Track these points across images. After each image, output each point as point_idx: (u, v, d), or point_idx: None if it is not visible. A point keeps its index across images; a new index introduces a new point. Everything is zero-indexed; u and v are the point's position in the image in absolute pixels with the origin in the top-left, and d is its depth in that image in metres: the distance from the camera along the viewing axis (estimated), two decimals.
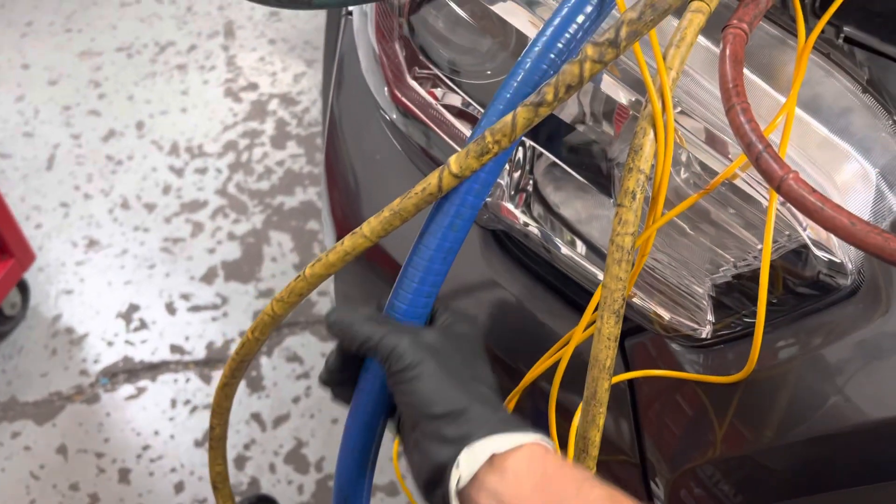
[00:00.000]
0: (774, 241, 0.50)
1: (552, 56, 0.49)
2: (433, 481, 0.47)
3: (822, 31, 0.58)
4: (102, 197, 1.86)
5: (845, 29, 0.60)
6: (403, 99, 0.65)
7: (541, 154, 0.66)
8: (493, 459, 0.45)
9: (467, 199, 0.50)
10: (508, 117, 0.48)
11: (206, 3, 2.30)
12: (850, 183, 0.50)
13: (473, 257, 0.68)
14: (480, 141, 0.49)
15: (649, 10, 0.46)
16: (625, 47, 0.47)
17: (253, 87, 2.08)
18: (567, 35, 0.49)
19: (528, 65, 0.50)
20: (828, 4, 0.57)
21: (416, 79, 0.65)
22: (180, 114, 2.04)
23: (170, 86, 2.11)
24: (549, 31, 0.50)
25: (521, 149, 0.67)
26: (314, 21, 2.23)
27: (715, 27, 0.53)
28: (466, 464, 0.45)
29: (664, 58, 0.50)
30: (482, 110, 0.68)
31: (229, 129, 1.99)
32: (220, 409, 0.65)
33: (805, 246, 0.50)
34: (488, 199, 0.66)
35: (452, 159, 0.49)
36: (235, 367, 0.60)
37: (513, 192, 0.66)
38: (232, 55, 2.16)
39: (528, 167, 0.66)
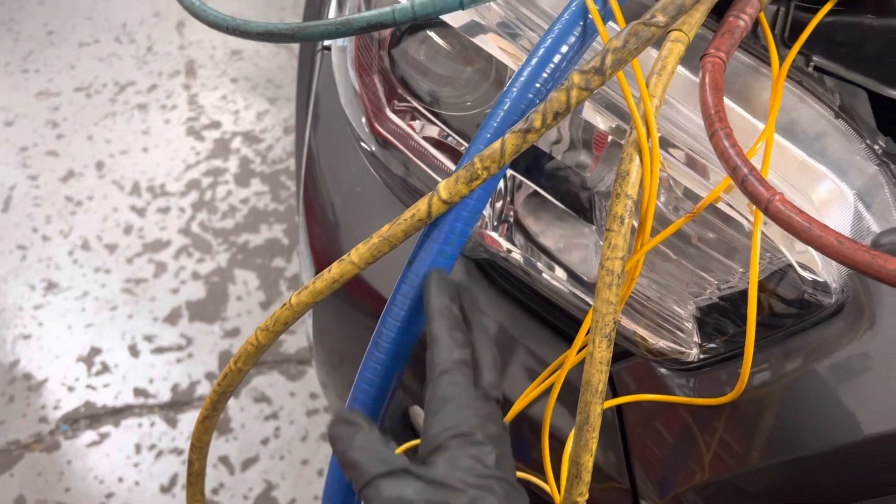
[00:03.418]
0: (759, 263, 0.51)
1: (538, 85, 0.50)
2: None
3: (794, 60, 0.60)
4: (61, 238, 1.82)
5: (814, 58, 0.62)
6: (383, 131, 0.65)
7: (521, 184, 0.67)
8: None
9: (456, 226, 0.51)
10: (497, 144, 0.49)
11: (167, 42, 2.29)
12: (829, 204, 0.52)
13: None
14: (470, 167, 0.49)
15: (633, 39, 0.47)
16: (610, 74, 0.48)
17: (215, 125, 2.07)
18: (552, 64, 0.50)
19: (514, 93, 0.51)
20: (797, 34, 0.59)
21: (395, 111, 0.65)
22: (141, 153, 2.02)
23: (130, 125, 2.08)
24: (534, 61, 0.51)
25: (502, 179, 0.67)
26: (276, 59, 2.23)
27: (692, 57, 0.54)
28: None
29: (647, 85, 0.51)
30: (461, 141, 0.69)
31: (192, 167, 1.97)
32: (200, 444, 0.63)
33: (789, 266, 0.51)
34: (487, 232, 0.66)
35: (442, 185, 0.49)
36: (217, 400, 0.59)
37: (496, 222, 0.66)
38: (194, 94, 2.15)
39: (509, 197, 0.67)
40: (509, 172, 0.67)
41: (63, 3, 2.38)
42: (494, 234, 0.65)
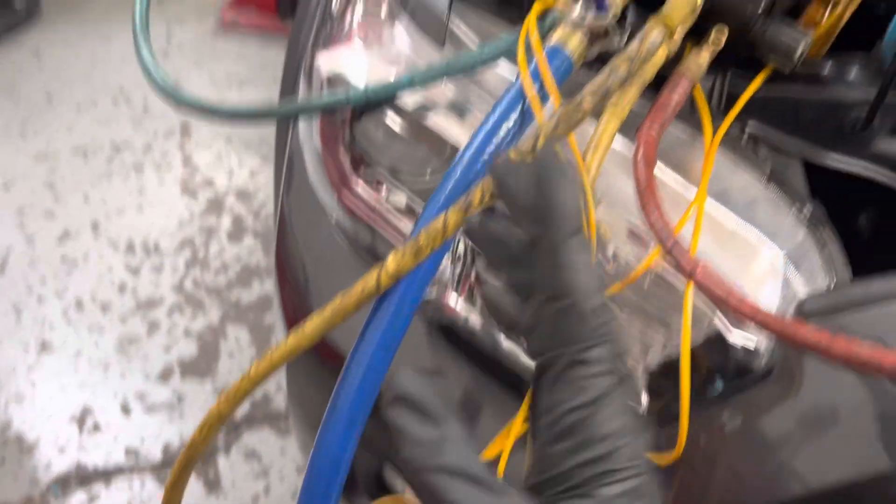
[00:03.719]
0: (693, 328, 0.54)
1: (478, 167, 0.53)
2: None
3: (729, 130, 0.63)
4: (56, 299, 1.85)
5: (751, 126, 0.66)
6: (348, 202, 0.68)
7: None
8: None
9: (406, 297, 0.53)
10: (440, 220, 0.52)
11: (163, 103, 2.35)
12: (759, 269, 0.54)
13: (420, 349, 0.70)
14: (415, 242, 0.52)
15: (563, 122, 0.51)
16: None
17: (209, 183, 2.11)
18: (492, 145, 0.53)
19: (457, 172, 0.54)
20: (733, 104, 0.63)
21: (361, 179, 0.68)
22: (136, 213, 2.06)
23: (126, 185, 2.13)
24: (476, 142, 0.55)
25: (461, 242, 0.70)
26: None
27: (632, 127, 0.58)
28: None
29: (584, 159, 0.55)
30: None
31: (186, 225, 2.01)
32: None
33: (720, 332, 0.53)
34: (433, 293, 0.69)
35: (390, 259, 0.52)
36: (181, 470, 0.61)
37: (456, 285, 0.69)
38: (188, 153, 2.21)
39: (469, 259, 0.70)
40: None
41: (62, 67, 2.46)
42: (453, 299, 0.68)
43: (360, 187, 0.68)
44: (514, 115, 0.55)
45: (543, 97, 0.56)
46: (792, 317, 0.49)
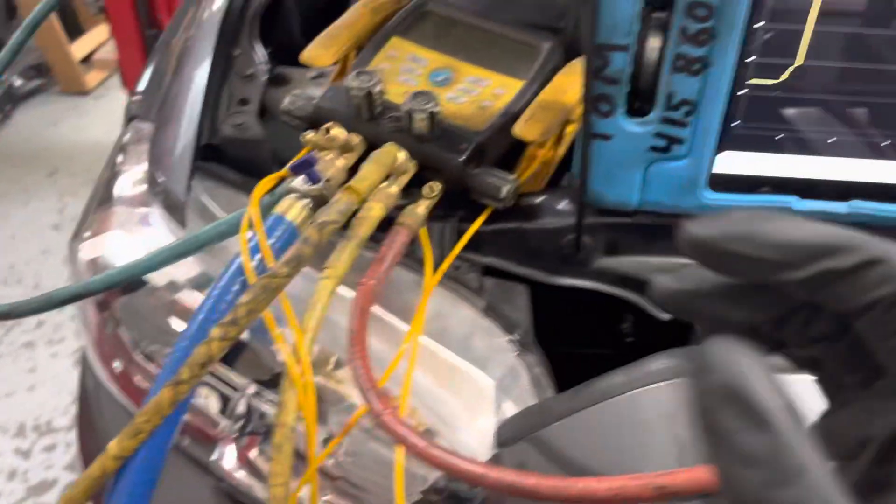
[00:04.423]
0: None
1: (196, 344, 0.57)
2: None
3: (460, 266, 0.69)
4: None
5: (487, 258, 0.72)
6: (119, 383, 0.71)
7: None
8: None
9: (134, 478, 0.55)
10: (157, 397, 0.55)
11: (55, 277, 2.37)
12: (472, 398, 0.58)
13: None
14: (133, 422, 0.54)
15: (260, 292, 0.55)
16: (245, 324, 0.55)
17: None
18: (212, 322, 0.57)
19: (181, 347, 0.57)
20: (453, 243, 0.69)
21: (123, 360, 0.71)
22: (27, 393, 2.02)
23: (16, 365, 2.10)
24: (200, 316, 0.58)
25: (243, 400, 0.72)
26: None
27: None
28: None
29: (301, 321, 0.59)
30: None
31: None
32: None
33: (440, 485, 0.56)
34: (213, 459, 0.71)
35: (112, 443, 0.55)
36: None
37: (239, 443, 0.71)
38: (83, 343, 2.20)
39: (250, 421, 0.72)
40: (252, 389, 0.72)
41: None
42: (231, 464, 0.70)
43: (128, 366, 0.71)
44: (236, 288, 0.59)
45: (260, 269, 0.60)
46: (492, 449, 0.53)
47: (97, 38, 3.13)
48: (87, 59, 3.11)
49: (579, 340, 0.85)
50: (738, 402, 0.23)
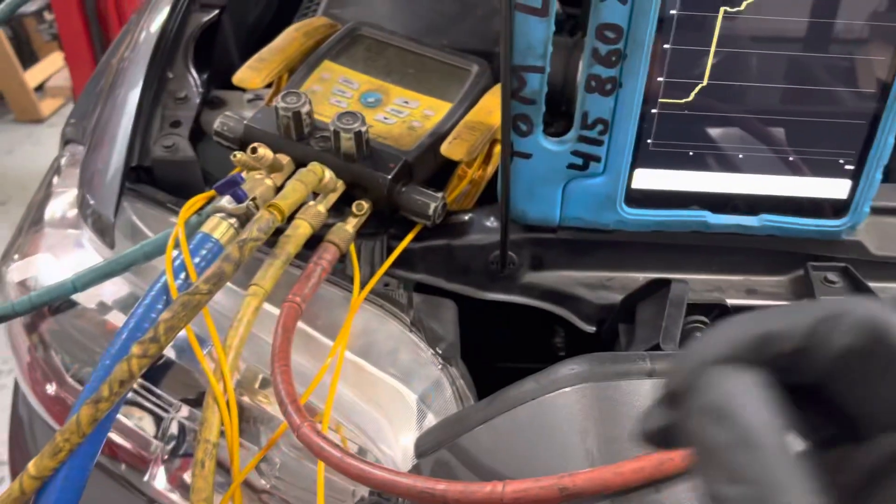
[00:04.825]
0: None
1: (117, 361, 0.57)
2: None
3: (387, 284, 0.70)
4: None
5: (419, 275, 0.73)
6: (48, 405, 0.71)
7: None
8: None
9: (54, 497, 0.55)
10: (76, 415, 0.55)
11: None
12: (396, 411, 0.59)
13: None
14: (52, 441, 0.54)
15: (181, 309, 0.56)
16: (166, 341, 0.55)
17: None
18: (136, 339, 0.57)
19: (100, 370, 0.57)
20: (383, 260, 0.70)
21: (55, 383, 0.71)
22: None
23: None
24: (124, 334, 0.59)
25: (175, 421, 0.72)
26: None
27: None
28: None
29: (224, 339, 0.59)
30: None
31: None
32: None
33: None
34: (145, 479, 0.70)
35: (31, 462, 0.54)
36: None
37: (170, 464, 0.71)
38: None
39: (182, 441, 0.72)
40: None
41: None
42: (163, 485, 0.70)
43: (62, 389, 0.70)
44: (160, 307, 0.60)
45: (184, 288, 0.61)
46: (413, 459, 0.54)
47: (52, 65, 3.11)
48: (41, 87, 3.09)
49: (516, 355, 0.87)
50: (725, 422, 0.24)
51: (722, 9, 0.59)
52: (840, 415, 0.27)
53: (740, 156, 0.67)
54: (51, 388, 0.71)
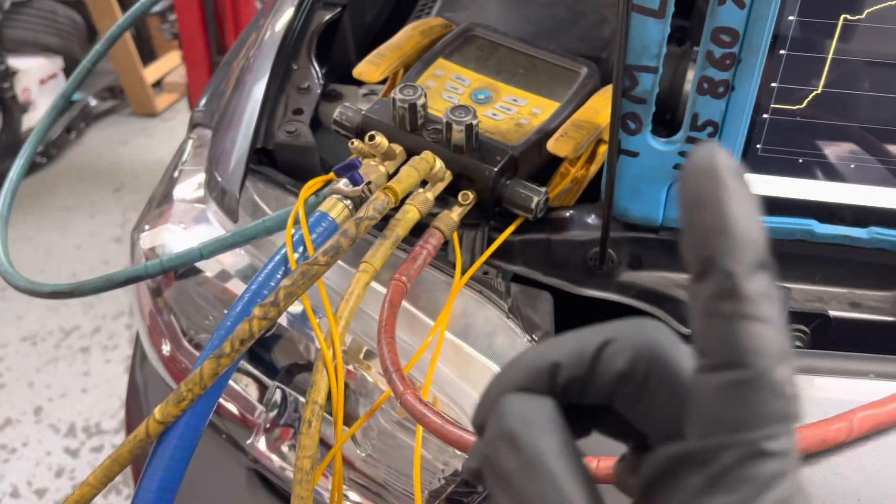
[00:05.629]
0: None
1: (242, 320, 0.61)
2: None
3: (487, 271, 0.72)
4: None
5: (517, 267, 0.75)
6: (172, 366, 0.76)
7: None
8: None
9: (175, 443, 0.60)
10: (200, 368, 0.59)
11: None
12: None
13: (238, 495, 0.74)
14: (177, 391, 0.59)
15: (300, 277, 0.60)
16: (284, 306, 0.59)
17: None
18: (256, 303, 0.62)
19: (223, 327, 0.62)
20: (483, 250, 0.72)
21: (176, 345, 0.77)
22: (80, 394, 2.11)
23: (72, 368, 2.19)
24: (246, 296, 0.63)
25: (279, 390, 0.77)
26: None
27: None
28: None
29: (336, 309, 0.63)
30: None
31: None
32: None
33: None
34: (249, 441, 0.75)
35: (157, 408, 0.59)
36: None
37: (271, 432, 0.75)
38: (135, 332, 2.29)
39: (286, 408, 0.76)
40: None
41: (16, 258, 2.59)
42: (264, 447, 0.74)
43: (179, 351, 0.76)
44: (279, 275, 0.64)
45: (304, 258, 0.65)
46: None
47: (169, 63, 3.30)
48: (158, 84, 3.28)
49: None
50: (513, 448, 0.27)
51: (842, 16, 0.60)
52: (632, 430, 0.29)
53: (851, 166, 0.66)
54: (166, 349, 0.77)
